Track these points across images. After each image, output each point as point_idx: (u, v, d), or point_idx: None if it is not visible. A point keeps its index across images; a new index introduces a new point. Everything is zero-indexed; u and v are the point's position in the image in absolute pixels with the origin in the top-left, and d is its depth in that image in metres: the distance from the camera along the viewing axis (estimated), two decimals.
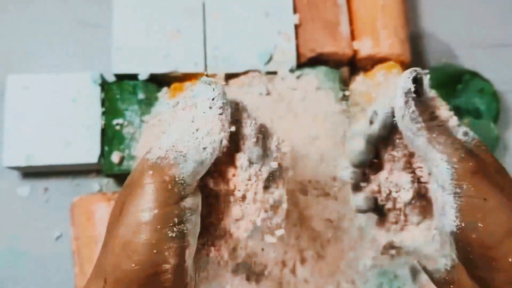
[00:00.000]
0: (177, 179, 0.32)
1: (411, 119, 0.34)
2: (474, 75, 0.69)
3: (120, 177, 0.67)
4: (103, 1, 0.71)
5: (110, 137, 0.64)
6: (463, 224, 0.32)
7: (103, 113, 0.65)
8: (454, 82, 0.69)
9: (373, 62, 0.69)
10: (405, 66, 0.71)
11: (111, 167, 0.64)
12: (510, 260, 0.31)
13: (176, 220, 0.32)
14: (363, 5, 0.70)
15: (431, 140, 0.33)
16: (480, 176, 0.32)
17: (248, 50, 0.67)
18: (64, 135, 0.64)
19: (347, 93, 0.67)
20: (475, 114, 0.69)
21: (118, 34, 0.66)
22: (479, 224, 0.31)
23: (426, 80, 0.36)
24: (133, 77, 0.66)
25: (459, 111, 0.69)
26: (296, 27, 0.68)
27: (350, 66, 0.70)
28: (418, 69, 0.35)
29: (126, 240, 0.31)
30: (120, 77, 0.66)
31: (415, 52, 0.73)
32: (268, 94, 0.66)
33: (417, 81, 0.35)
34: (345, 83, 0.69)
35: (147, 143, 0.64)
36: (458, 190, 0.32)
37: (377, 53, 0.68)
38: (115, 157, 0.63)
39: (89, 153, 0.64)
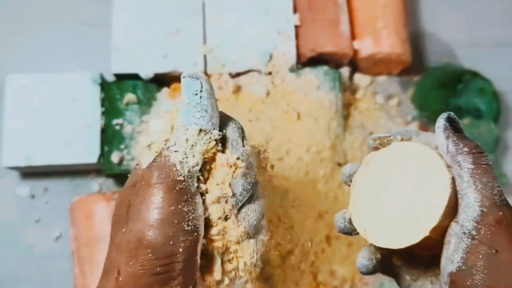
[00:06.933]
0: (186, 177, 0.35)
1: (456, 149, 0.34)
2: (475, 75, 0.69)
3: (120, 177, 0.67)
4: (103, 1, 0.71)
5: (110, 137, 0.64)
6: (463, 267, 0.32)
7: (103, 113, 0.65)
8: (455, 82, 0.69)
9: (373, 62, 0.69)
10: (405, 66, 0.71)
11: (110, 167, 0.64)
12: None
13: (190, 215, 0.34)
14: (363, 4, 0.69)
15: (474, 175, 0.33)
16: (502, 228, 0.31)
17: (248, 50, 0.67)
18: (64, 135, 0.64)
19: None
20: (475, 114, 0.69)
21: (118, 34, 0.66)
22: (480, 273, 0.31)
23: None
24: (133, 77, 0.66)
25: (459, 111, 0.69)
26: (296, 27, 0.68)
27: (350, 66, 0.70)
28: (450, 113, 0.37)
29: (141, 234, 0.33)
30: (120, 77, 0.66)
31: (416, 52, 0.73)
32: (268, 94, 0.66)
33: (451, 121, 0.36)
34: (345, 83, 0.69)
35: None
36: (474, 233, 0.32)
37: (377, 53, 0.67)
38: (114, 157, 0.63)
39: (89, 153, 0.63)
